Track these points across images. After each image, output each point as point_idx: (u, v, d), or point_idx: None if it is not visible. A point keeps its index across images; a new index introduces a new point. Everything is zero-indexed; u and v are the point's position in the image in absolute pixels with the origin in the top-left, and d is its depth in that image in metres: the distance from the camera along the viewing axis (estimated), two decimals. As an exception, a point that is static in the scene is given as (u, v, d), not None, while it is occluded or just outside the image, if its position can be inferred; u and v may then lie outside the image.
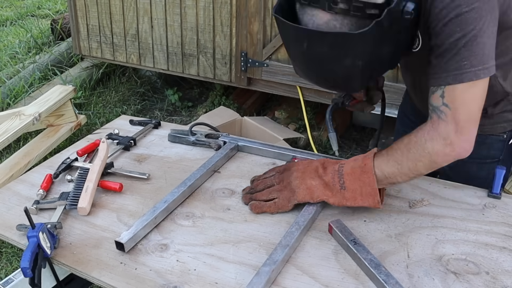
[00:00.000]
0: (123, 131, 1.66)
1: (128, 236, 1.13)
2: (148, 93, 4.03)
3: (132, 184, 1.38)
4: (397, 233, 1.16)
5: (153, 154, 1.54)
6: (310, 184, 1.21)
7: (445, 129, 1.07)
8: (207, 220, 1.23)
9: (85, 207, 1.26)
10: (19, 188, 1.40)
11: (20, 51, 4.60)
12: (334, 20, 1.00)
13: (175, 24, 3.38)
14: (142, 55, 3.64)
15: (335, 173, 1.19)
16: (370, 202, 1.16)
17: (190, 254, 1.12)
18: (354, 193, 1.17)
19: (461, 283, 1.01)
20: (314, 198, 1.20)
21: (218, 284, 1.03)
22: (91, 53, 3.92)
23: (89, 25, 3.80)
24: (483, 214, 1.21)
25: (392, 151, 1.15)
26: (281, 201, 1.22)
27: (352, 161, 1.20)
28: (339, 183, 1.18)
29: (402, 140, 1.15)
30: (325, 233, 1.17)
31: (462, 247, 1.11)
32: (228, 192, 1.33)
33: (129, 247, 1.13)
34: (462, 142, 1.08)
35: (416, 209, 1.24)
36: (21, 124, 2.72)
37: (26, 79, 3.96)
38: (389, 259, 1.08)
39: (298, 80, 2.94)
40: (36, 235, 1.05)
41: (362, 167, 1.16)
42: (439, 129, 1.08)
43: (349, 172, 1.18)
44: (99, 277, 1.07)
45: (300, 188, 1.21)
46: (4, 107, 3.64)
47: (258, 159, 1.49)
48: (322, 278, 1.04)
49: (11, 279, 1.12)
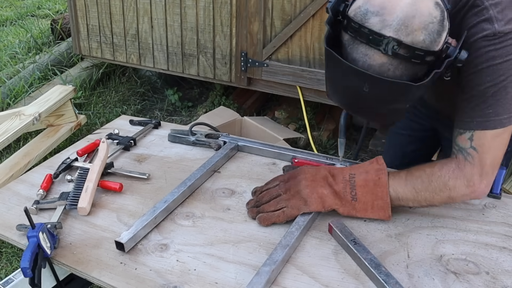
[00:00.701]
0: (123, 131, 1.66)
1: (128, 236, 1.13)
2: (148, 93, 4.03)
3: (132, 184, 1.38)
4: (397, 233, 1.16)
5: (153, 154, 1.54)
6: (322, 193, 1.19)
7: (471, 171, 1.11)
8: (207, 220, 1.23)
9: (85, 207, 1.26)
10: (19, 188, 1.40)
11: (20, 51, 4.60)
12: (390, 64, 0.96)
13: (175, 24, 3.38)
14: (142, 55, 3.64)
15: (346, 184, 1.19)
16: (380, 215, 1.17)
17: (190, 254, 1.12)
18: (365, 205, 1.18)
19: (461, 283, 1.01)
20: (326, 207, 1.19)
21: (218, 284, 1.03)
22: (91, 53, 3.92)
23: (89, 25, 3.80)
24: (483, 214, 1.21)
25: (412, 178, 1.16)
26: (290, 210, 1.20)
27: (364, 173, 1.19)
28: (350, 194, 1.18)
29: (424, 170, 1.15)
30: (325, 233, 1.17)
31: (462, 247, 1.11)
32: (228, 192, 1.33)
33: (129, 247, 1.13)
34: (484, 186, 1.12)
35: (416, 209, 1.24)
36: (21, 124, 2.72)
37: (26, 79, 3.96)
38: (389, 259, 1.08)
39: (298, 80, 2.94)
40: (36, 235, 1.05)
41: (376, 181, 1.17)
42: (465, 170, 1.11)
43: (362, 185, 1.18)
44: (99, 277, 1.07)
45: (311, 197, 1.19)
46: (4, 107, 3.64)
47: (258, 159, 1.49)
48: (322, 278, 1.04)
49: (11, 279, 1.12)
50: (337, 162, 1.39)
